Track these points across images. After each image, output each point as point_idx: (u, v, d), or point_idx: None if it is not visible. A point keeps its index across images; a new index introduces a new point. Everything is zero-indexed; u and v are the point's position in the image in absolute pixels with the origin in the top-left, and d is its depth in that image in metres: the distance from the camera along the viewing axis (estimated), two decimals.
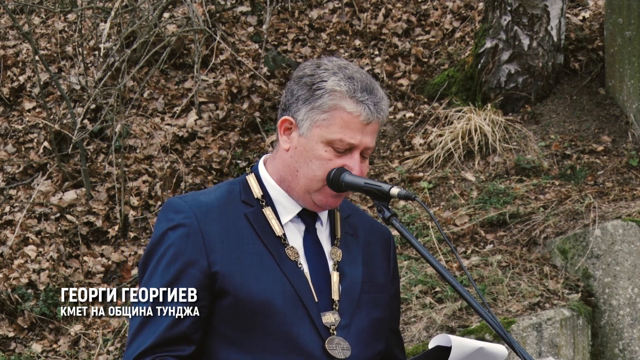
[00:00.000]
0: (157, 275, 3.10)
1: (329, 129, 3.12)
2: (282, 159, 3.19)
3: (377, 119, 3.15)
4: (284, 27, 9.73)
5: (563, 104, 8.54)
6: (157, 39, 8.83)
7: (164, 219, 3.16)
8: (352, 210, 3.36)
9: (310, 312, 3.11)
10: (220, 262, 3.09)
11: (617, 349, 7.12)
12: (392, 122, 8.73)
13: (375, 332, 3.24)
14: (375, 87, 3.17)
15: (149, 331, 3.07)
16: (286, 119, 3.18)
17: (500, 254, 7.22)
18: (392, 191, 3.10)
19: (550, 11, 8.46)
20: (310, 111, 3.14)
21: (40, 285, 7.78)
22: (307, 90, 3.15)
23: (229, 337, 3.09)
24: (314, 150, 3.14)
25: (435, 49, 9.39)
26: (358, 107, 3.12)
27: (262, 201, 3.19)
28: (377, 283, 3.28)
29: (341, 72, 3.14)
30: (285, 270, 3.12)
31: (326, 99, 3.12)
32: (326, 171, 3.14)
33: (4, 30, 10.11)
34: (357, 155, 3.15)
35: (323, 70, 3.15)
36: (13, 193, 8.66)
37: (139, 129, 8.79)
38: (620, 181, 7.82)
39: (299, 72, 3.19)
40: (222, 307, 3.08)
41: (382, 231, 3.40)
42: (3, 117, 9.39)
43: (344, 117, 3.12)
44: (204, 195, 3.20)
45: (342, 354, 3.12)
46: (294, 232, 3.20)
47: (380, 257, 3.33)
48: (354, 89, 3.12)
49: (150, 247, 3.15)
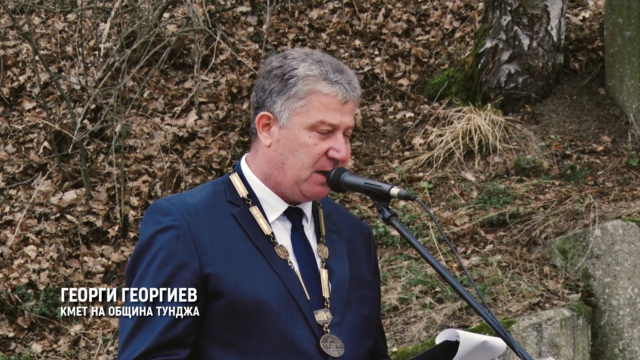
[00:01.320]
0: (148, 279, 3.07)
1: (309, 114, 3.12)
2: (264, 156, 3.18)
3: (353, 97, 3.15)
4: (284, 27, 9.73)
5: (563, 104, 8.54)
6: (157, 39, 8.83)
7: (151, 221, 3.12)
8: (334, 207, 3.36)
9: (304, 311, 3.10)
10: (212, 263, 3.07)
11: (617, 349, 7.12)
12: (392, 122, 8.73)
13: (365, 329, 3.25)
14: (344, 67, 3.18)
15: (143, 335, 3.05)
16: (263, 115, 3.16)
17: (500, 254, 7.22)
18: (392, 191, 3.10)
19: (550, 11, 8.46)
20: (287, 101, 3.12)
21: (40, 285, 7.78)
22: (279, 81, 3.14)
23: (223, 339, 3.07)
24: (297, 138, 3.12)
25: (435, 49, 9.39)
26: (333, 87, 3.13)
27: (248, 200, 3.17)
28: (363, 280, 3.28)
29: (309, 58, 3.14)
30: (277, 269, 3.11)
31: (301, 86, 3.12)
32: (313, 157, 3.12)
33: (4, 30, 10.11)
34: (341, 136, 3.15)
35: (290, 59, 3.15)
36: (13, 193, 8.66)
37: (139, 129, 8.79)
38: (620, 181, 7.82)
39: (266, 67, 3.18)
40: (215, 309, 3.07)
41: (363, 227, 3.40)
42: (3, 117, 9.39)
43: (322, 100, 3.12)
44: (189, 196, 3.17)
45: (337, 352, 3.12)
46: (282, 231, 3.19)
47: (363, 254, 3.34)
48: (326, 71, 3.13)
49: (138, 250, 3.12)
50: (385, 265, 7.27)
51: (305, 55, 3.15)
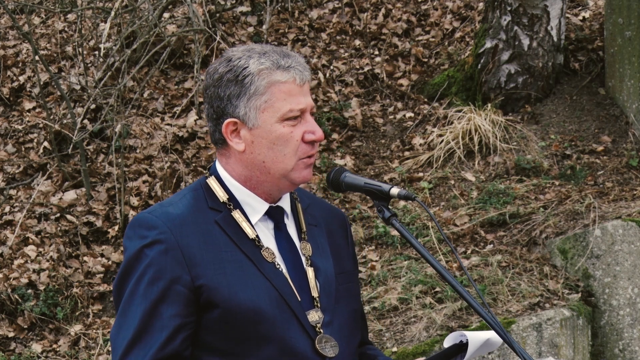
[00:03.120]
0: (140, 295, 3.02)
1: (275, 106, 3.08)
2: (241, 161, 3.13)
3: (307, 77, 3.13)
4: (284, 27, 9.73)
5: (563, 104, 8.54)
6: (157, 39, 8.83)
7: (136, 236, 3.06)
8: (310, 199, 3.34)
9: (297, 313, 3.09)
10: (204, 274, 3.03)
11: (617, 349, 7.12)
12: (392, 122, 8.73)
13: (354, 324, 3.24)
14: (288, 51, 3.16)
15: (139, 353, 3.01)
16: (229, 122, 3.10)
17: (500, 254, 7.22)
18: (392, 191, 3.09)
19: (550, 11, 8.46)
20: (249, 101, 3.09)
21: (40, 286, 7.78)
22: (234, 85, 3.09)
23: (220, 349, 3.05)
24: (272, 132, 3.09)
25: (435, 49, 9.39)
26: (289, 73, 3.10)
27: (229, 205, 3.14)
28: (347, 272, 3.26)
29: (254, 53, 3.11)
30: (266, 273, 3.09)
31: (258, 82, 3.08)
32: (293, 145, 3.09)
33: (4, 30, 10.11)
34: (310, 117, 3.13)
35: (236, 60, 3.11)
36: (13, 193, 8.66)
37: (139, 129, 8.79)
38: (620, 181, 7.83)
39: (213, 75, 3.12)
40: (210, 320, 3.03)
41: (338, 215, 3.37)
42: (3, 117, 9.39)
43: (282, 88, 3.09)
44: (171, 206, 3.12)
45: (332, 352, 3.12)
46: (265, 232, 3.16)
47: (343, 243, 3.32)
48: (276, 60, 3.10)
49: (125, 266, 3.06)
50: (385, 265, 7.27)
51: (248, 52, 3.12)
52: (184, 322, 3.02)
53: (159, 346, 2.99)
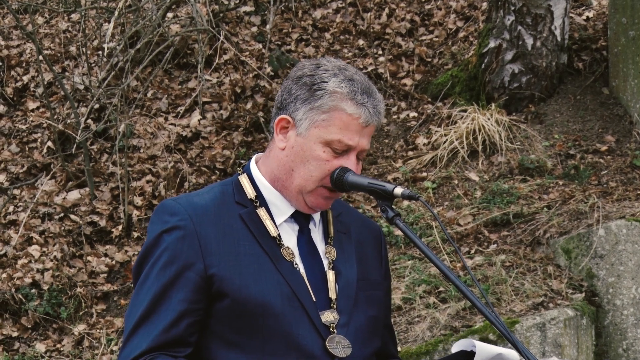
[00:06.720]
0: (153, 278, 3.08)
1: (328, 130, 3.11)
2: (276, 158, 3.18)
3: (375, 122, 3.15)
4: (288, 26, 9.73)
5: (567, 104, 8.54)
6: (161, 38, 8.83)
7: (158, 221, 3.14)
8: (343, 208, 3.37)
9: (309, 312, 3.11)
10: (217, 264, 3.08)
11: (620, 349, 7.11)
12: (395, 122, 8.73)
13: (373, 330, 3.25)
14: (374, 90, 3.17)
15: (144, 333, 3.07)
16: (283, 118, 3.16)
17: (504, 254, 7.21)
18: (396, 191, 3.10)
19: (554, 11, 8.46)
20: (310, 111, 3.12)
21: (44, 285, 7.79)
22: (307, 90, 3.13)
23: (227, 339, 3.08)
24: (312, 150, 3.13)
25: (438, 49, 9.39)
26: (358, 109, 3.12)
27: (255, 202, 3.18)
28: (372, 281, 3.29)
29: (341, 74, 3.14)
30: (282, 270, 3.12)
31: (326, 100, 3.11)
32: (323, 172, 3.13)
33: (8, 30, 10.12)
34: (354, 157, 3.16)
35: (323, 71, 3.14)
36: (17, 193, 8.67)
37: (142, 129, 8.79)
38: (624, 181, 7.82)
39: (297, 71, 3.18)
40: (220, 310, 3.08)
41: (373, 228, 3.43)
42: (7, 117, 9.40)
43: (344, 119, 3.11)
44: (197, 197, 3.19)
45: (343, 352, 3.12)
46: (288, 233, 3.19)
47: (373, 255, 3.35)
48: (354, 91, 3.12)
49: (144, 250, 3.14)
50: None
51: (338, 69, 3.15)
52: (190, 307, 3.06)
53: (163, 328, 3.05)
